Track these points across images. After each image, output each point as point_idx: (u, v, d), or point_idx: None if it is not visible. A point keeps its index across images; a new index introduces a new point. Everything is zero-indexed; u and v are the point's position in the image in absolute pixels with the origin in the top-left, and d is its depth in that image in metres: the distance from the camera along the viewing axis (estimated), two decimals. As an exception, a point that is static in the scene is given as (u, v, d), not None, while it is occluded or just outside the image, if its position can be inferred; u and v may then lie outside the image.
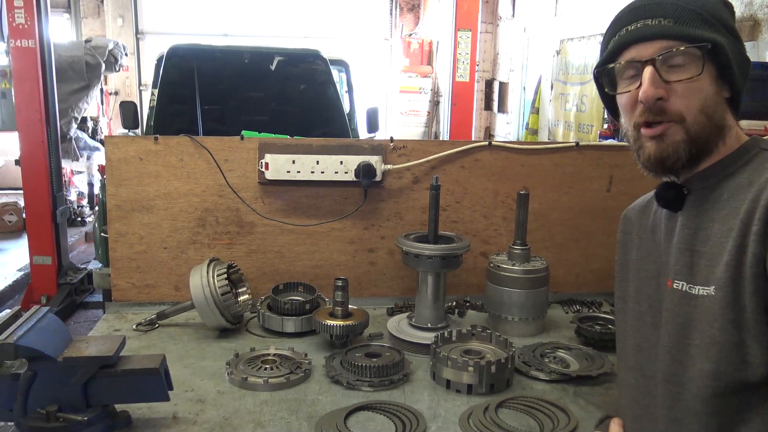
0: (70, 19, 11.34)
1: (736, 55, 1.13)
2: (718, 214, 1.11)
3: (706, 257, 1.12)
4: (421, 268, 1.97)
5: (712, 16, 1.13)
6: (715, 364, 1.08)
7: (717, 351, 1.08)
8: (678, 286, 1.16)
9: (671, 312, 1.18)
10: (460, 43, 7.21)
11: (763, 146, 1.13)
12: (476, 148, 2.36)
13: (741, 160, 1.14)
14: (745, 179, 1.10)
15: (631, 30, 1.15)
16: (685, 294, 1.15)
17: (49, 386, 1.35)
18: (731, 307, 1.06)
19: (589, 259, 2.46)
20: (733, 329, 1.06)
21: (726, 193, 1.12)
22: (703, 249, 1.13)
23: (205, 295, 1.94)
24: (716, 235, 1.10)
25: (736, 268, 1.05)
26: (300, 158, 2.24)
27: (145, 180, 2.22)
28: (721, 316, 1.07)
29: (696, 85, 1.11)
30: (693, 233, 1.15)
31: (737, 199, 1.09)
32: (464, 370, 1.65)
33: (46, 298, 5.22)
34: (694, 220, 1.16)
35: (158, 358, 1.42)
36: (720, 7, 1.16)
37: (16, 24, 4.84)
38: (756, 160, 1.12)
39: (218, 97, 5.23)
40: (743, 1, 3.89)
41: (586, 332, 1.98)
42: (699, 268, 1.13)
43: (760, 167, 1.10)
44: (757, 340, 1.04)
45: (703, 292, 1.11)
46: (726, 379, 1.07)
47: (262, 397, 1.61)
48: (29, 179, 5.10)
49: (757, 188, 1.06)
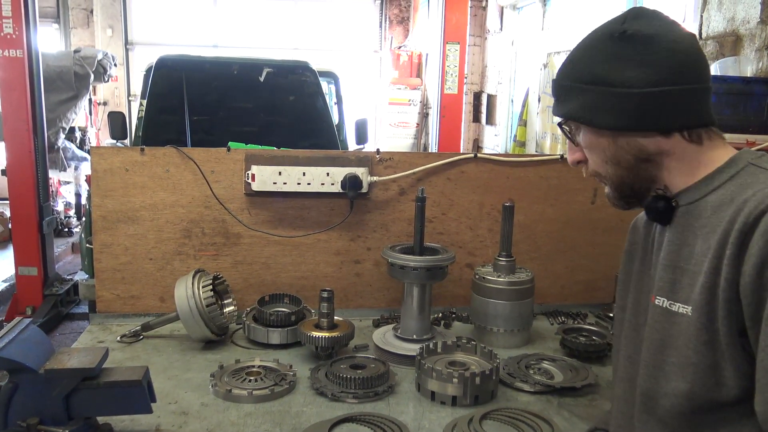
0: (60, 29, 11.31)
1: (604, 103, 1.14)
2: (701, 231, 1.11)
3: (689, 275, 1.11)
4: (407, 279, 1.97)
5: (571, 84, 1.19)
6: (689, 384, 1.09)
7: (692, 372, 1.08)
8: (659, 302, 1.16)
9: (651, 327, 1.18)
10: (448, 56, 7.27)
11: (752, 161, 1.11)
12: (462, 161, 2.37)
13: (727, 173, 1.12)
14: (728, 195, 1.09)
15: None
16: (665, 310, 1.15)
17: (30, 398, 1.34)
18: (706, 329, 1.06)
19: (574, 271, 2.48)
20: (707, 351, 1.06)
21: (710, 208, 1.10)
22: (687, 266, 1.12)
23: (190, 307, 1.93)
24: (698, 254, 1.10)
25: (711, 290, 1.05)
26: (287, 170, 2.25)
27: (131, 191, 2.22)
28: (696, 337, 1.07)
29: (586, 144, 1.21)
30: (678, 249, 1.15)
31: (718, 216, 1.08)
32: (449, 381, 1.66)
33: (31, 309, 5.16)
34: (679, 236, 1.15)
35: (141, 370, 1.42)
36: (591, 55, 1.17)
37: (4, 34, 4.82)
38: (742, 175, 1.10)
39: (207, 108, 5.23)
40: (726, 17, 3.96)
41: (570, 344, 1.99)
42: (681, 285, 1.13)
43: (744, 183, 1.08)
44: (731, 362, 1.04)
45: (682, 310, 1.11)
46: (700, 400, 1.08)
47: (246, 409, 1.61)
48: (16, 189, 5.06)
49: (736, 208, 1.05)
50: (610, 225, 2.43)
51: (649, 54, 1.11)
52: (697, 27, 4.22)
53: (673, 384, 1.12)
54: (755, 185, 1.05)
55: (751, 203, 1.02)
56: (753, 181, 1.07)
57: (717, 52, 3.98)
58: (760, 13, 3.66)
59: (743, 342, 1.03)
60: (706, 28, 4.15)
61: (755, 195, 1.03)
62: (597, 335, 2.05)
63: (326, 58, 10.51)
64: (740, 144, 2.55)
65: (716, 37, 4.03)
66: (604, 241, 2.45)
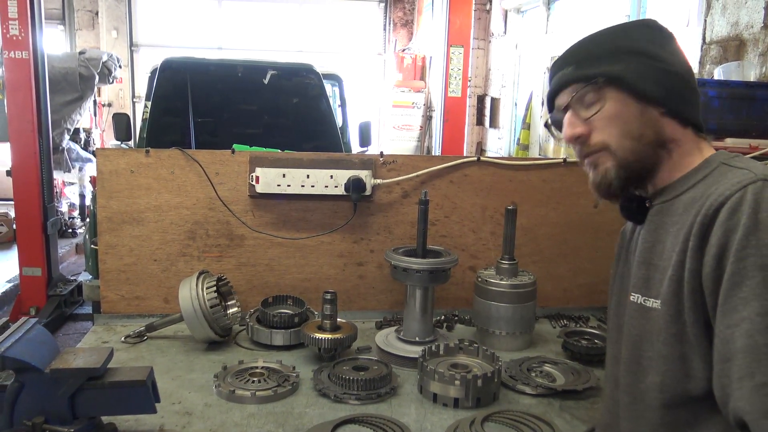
0: (65, 31, 11.35)
1: (649, 73, 1.16)
2: (673, 228, 1.14)
3: (659, 271, 1.15)
4: (410, 282, 1.98)
5: (612, 49, 1.19)
6: (661, 376, 1.12)
7: (662, 364, 1.11)
8: (634, 299, 1.20)
9: (628, 324, 1.22)
10: (452, 59, 7.27)
11: (724, 161, 1.15)
12: (465, 164, 2.38)
13: (700, 173, 1.16)
14: (699, 193, 1.12)
15: (552, 82, 1.26)
16: (640, 306, 1.18)
17: (35, 398, 1.35)
18: (674, 321, 1.09)
19: (576, 274, 2.48)
20: (676, 343, 1.09)
21: (681, 207, 1.14)
22: (659, 263, 1.16)
23: (194, 308, 1.94)
24: (668, 250, 1.14)
25: (677, 282, 1.09)
26: (290, 172, 2.26)
27: (136, 192, 2.23)
28: (665, 330, 1.10)
29: (608, 114, 1.18)
30: (651, 246, 1.19)
31: (689, 214, 1.11)
32: (451, 383, 1.66)
33: (35, 309, 5.17)
34: (653, 234, 1.19)
35: (145, 371, 1.42)
36: (629, 33, 1.22)
37: (10, 35, 4.84)
38: (714, 174, 1.13)
39: (211, 110, 5.25)
40: (729, 22, 3.96)
41: (572, 347, 2.00)
42: (653, 281, 1.16)
43: (714, 182, 1.11)
44: (699, 353, 1.07)
45: (654, 304, 1.14)
46: (671, 392, 1.11)
47: (249, 410, 1.61)
48: (20, 190, 5.07)
49: (700, 203, 1.08)
50: (613, 228, 2.42)
51: (676, 49, 1.21)
52: (701, 31, 4.22)
53: (649, 378, 1.15)
54: (722, 182, 1.09)
55: (713, 197, 1.05)
56: (720, 179, 1.11)
57: (720, 56, 3.98)
58: (763, 18, 3.66)
59: (709, 334, 1.05)
60: (709, 32, 4.15)
61: (717, 189, 1.06)
62: (599, 338, 2.06)
63: (330, 61, 10.52)
64: (743, 149, 2.56)
65: (720, 42, 4.04)
66: (607, 244, 2.45)
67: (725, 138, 2.71)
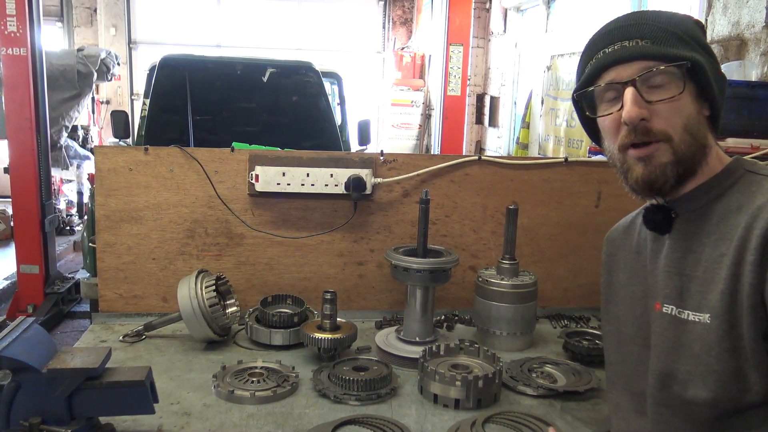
0: (63, 28, 11.33)
1: (714, 72, 1.13)
2: (709, 239, 1.10)
3: (697, 282, 1.10)
4: (410, 281, 1.97)
5: (688, 36, 1.12)
6: (713, 392, 1.07)
7: (715, 380, 1.07)
8: (667, 310, 1.15)
9: (660, 336, 1.17)
10: (451, 58, 7.27)
11: (748, 167, 1.13)
12: (466, 163, 2.37)
13: (726, 181, 1.13)
14: (734, 203, 1.09)
15: (608, 52, 1.14)
16: (674, 318, 1.14)
17: (32, 398, 1.34)
18: (728, 336, 1.05)
19: (577, 274, 2.47)
20: (730, 357, 1.05)
21: (715, 216, 1.11)
22: (694, 273, 1.11)
23: (193, 307, 1.93)
24: (707, 260, 1.09)
25: (731, 296, 1.04)
26: (290, 170, 2.25)
27: (135, 190, 2.22)
28: (718, 344, 1.06)
29: (678, 104, 1.09)
30: (682, 256, 1.14)
31: (728, 224, 1.08)
32: (452, 384, 1.65)
33: (32, 307, 5.17)
34: (682, 243, 1.15)
35: (144, 371, 1.41)
36: (694, 26, 1.16)
37: (8, 32, 4.83)
38: (742, 182, 1.11)
39: (210, 107, 5.23)
40: (730, 21, 3.95)
41: (573, 347, 1.99)
42: (690, 293, 1.12)
43: (747, 191, 1.09)
44: (756, 367, 1.04)
45: (694, 317, 1.10)
46: (724, 407, 1.07)
47: (248, 411, 1.60)
48: (18, 187, 5.07)
49: (750, 215, 1.05)
50: (614, 229, 2.42)
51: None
52: (702, 31, 4.21)
53: (691, 392, 1.10)
54: (762, 192, 1.06)
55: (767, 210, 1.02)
56: (757, 189, 1.08)
57: (721, 56, 3.97)
58: (765, 17, 3.65)
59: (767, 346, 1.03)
60: (710, 31, 4.14)
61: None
62: (600, 339, 2.05)
63: (329, 59, 10.51)
64: (744, 149, 2.55)
65: (721, 41, 4.03)
66: (608, 244, 2.44)
67: (726, 138, 2.70)
